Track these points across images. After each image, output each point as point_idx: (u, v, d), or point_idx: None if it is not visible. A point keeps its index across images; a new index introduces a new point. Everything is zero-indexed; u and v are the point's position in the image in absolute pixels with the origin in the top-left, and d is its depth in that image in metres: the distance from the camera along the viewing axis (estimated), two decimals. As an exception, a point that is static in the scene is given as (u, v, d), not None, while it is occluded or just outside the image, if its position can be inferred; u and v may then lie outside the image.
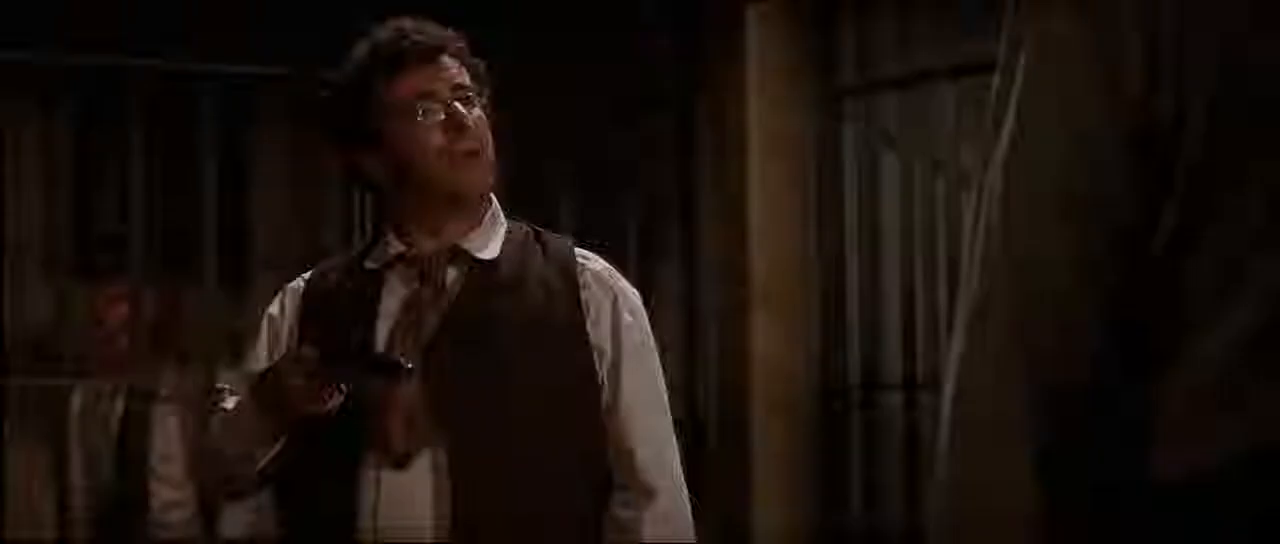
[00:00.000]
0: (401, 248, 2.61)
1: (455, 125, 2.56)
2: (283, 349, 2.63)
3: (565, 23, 4.84)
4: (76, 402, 5.10)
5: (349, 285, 2.64)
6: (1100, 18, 1.24)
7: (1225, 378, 1.21)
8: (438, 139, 2.56)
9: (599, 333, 2.60)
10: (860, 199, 4.85)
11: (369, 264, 2.64)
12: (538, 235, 2.68)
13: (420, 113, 2.56)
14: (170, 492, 5.07)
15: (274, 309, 2.68)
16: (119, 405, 5.00)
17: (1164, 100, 1.23)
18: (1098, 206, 1.25)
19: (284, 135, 4.83)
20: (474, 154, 2.57)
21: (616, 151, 5.08)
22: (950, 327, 1.31)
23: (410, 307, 2.59)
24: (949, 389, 1.29)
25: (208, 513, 5.08)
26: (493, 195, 2.66)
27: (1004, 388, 1.25)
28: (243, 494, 2.82)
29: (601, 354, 2.60)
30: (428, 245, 2.61)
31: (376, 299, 2.60)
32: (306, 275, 2.71)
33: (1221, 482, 1.20)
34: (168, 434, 5.08)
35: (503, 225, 2.66)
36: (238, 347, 5.81)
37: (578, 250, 2.67)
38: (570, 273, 2.62)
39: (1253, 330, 1.20)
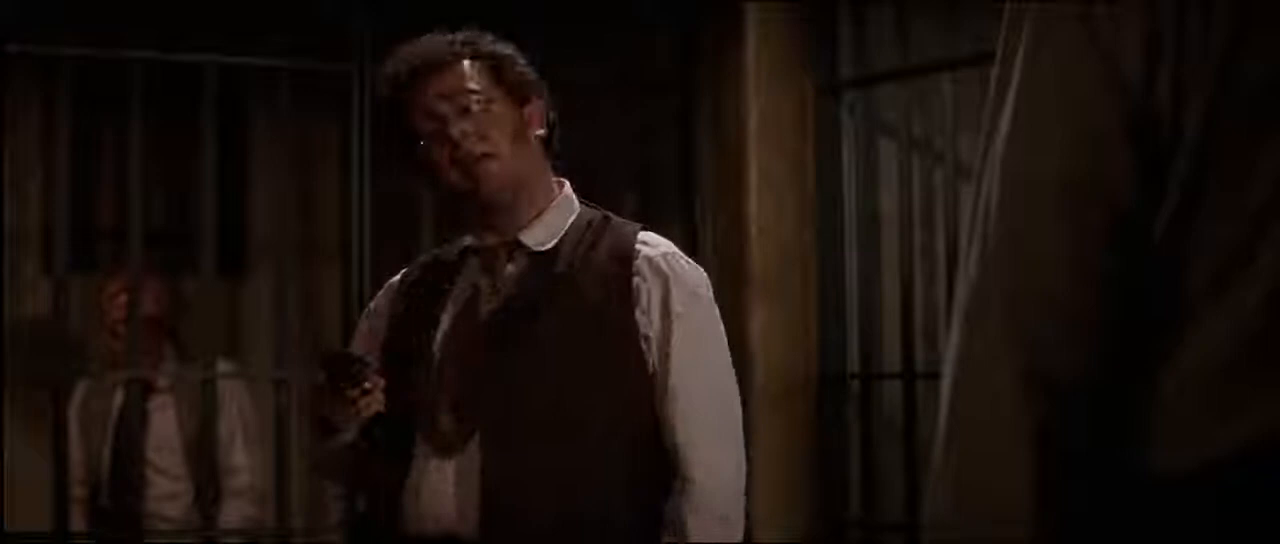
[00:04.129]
0: (470, 241, 2.71)
1: (447, 138, 2.62)
2: (376, 341, 2.76)
3: (564, 17, 4.83)
4: (78, 394, 5.09)
5: (431, 277, 2.75)
6: (1099, 9, 1.24)
7: (1226, 375, 1.21)
8: (438, 151, 2.64)
9: (647, 319, 2.61)
10: (859, 190, 4.85)
11: (447, 257, 2.75)
12: (607, 221, 2.72)
13: (422, 137, 2.64)
14: (168, 483, 5.06)
15: (373, 304, 2.84)
16: (119, 397, 4.99)
17: (1163, 93, 1.22)
18: (1097, 200, 1.24)
19: (283, 127, 4.81)
20: (475, 159, 2.62)
21: (616, 145, 5.08)
22: (950, 318, 1.31)
23: (471, 299, 2.67)
24: (947, 384, 1.29)
25: (205, 504, 5.08)
26: (565, 182, 2.75)
27: (1002, 383, 1.25)
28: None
29: (648, 341, 2.61)
30: (490, 238, 2.69)
31: (448, 291, 2.70)
32: (405, 270, 2.84)
33: (1221, 480, 1.20)
34: (166, 425, 5.08)
35: (571, 214, 2.71)
36: (236, 337, 5.84)
37: (642, 235, 2.69)
38: (626, 260, 2.64)
39: (1253, 327, 1.19)
